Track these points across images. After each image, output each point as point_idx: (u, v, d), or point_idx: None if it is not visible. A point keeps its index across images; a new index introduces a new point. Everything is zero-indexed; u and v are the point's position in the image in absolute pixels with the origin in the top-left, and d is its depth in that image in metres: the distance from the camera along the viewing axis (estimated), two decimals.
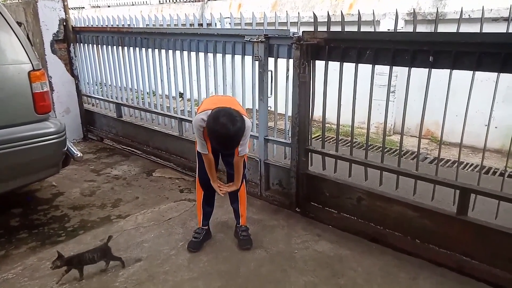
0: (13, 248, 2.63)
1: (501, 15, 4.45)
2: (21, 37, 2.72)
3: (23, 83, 2.71)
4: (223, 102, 2.34)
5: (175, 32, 3.62)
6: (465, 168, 4.17)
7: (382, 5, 5.53)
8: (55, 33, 4.53)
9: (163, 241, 2.69)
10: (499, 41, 1.98)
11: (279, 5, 6.79)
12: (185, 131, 3.93)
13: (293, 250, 2.60)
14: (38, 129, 2.77)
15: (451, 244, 2.36)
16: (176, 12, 8.26)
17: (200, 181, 2.60)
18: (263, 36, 2.87)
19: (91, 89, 4.97)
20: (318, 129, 5.20)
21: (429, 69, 2.29)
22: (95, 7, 11.54)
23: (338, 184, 2.82)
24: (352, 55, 2.53)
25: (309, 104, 2.85)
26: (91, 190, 3.54)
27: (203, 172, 2.55)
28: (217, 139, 2.12)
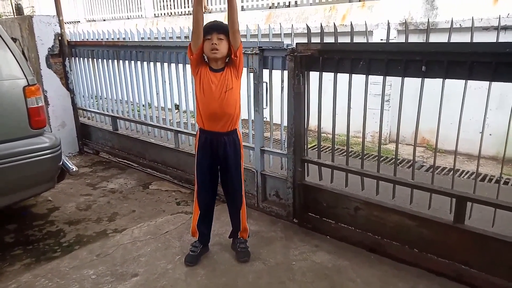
0: (8, 265, 2.60)
1: (491, 24, 4.53)
2: (16, 53, 2.73)
3: (18, 98, 2.71)
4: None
5: (170, 45, 3.65)
6: (461, 176, 4.18)
7: (374, 15, 5.61)
8: (50, 47, 4.55)
9: (160, 255, 2.67)
10: (489, 50, 2.01)
11: (273, 17, 6.87)
12: (181, 143, 3.92)
13: (291, 261, 2.58)
14: (33, 144, 2.76)
15: (449, 253, 2.35)
16: (171, 25, 8.33)
17: (199, 201, 2.56)
18: (258, 48, 2.90)
19: (86, 103, 4.97)
20: (314, 139, 5.22)
21: (422, 78, 2.32)
22: (90, 21, 11.63)
23: (335, 194, 2.81)
24: (345, 65, 2.55)
25: (304, 115, 2.86)
26: (87, 204, 3.52)
27: (202, 191, 2.53)
28: (205, 25, 2.30)
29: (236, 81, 2.40)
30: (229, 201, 2.64)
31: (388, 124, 5.56)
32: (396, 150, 2.65)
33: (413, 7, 5.27)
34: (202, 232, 2.62)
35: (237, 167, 2.51)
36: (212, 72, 2.36)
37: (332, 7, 6.15)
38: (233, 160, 2.48)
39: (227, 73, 2.36)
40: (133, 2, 10.06)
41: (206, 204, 2.58)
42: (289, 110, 2.85)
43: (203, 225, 2.61)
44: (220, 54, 2.32)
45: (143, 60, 4.00)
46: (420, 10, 5.20)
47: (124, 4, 10.33)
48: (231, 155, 2.46)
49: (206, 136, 2.44)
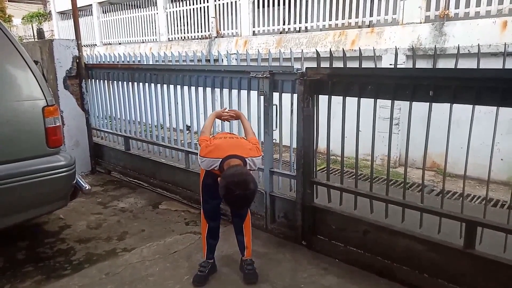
0: (19, 281, 2.63)
1: (499, 50, 4.57)
2: (37, 74, 2.86)
3: (37, 118, 2.81)
4: (232, 147, 2.34)
5: (184, 69, 3.76)
6: (472, 201, 4.13)
7: (383, 41, 5.71)
8: (68, 69, 4.72)
9: (168, 275, 2.68)
10: (496, 76, 2.04)
11: (284, 42, 7.03)
12: (191, 163, 3.98)
13: (299, 284, 2.56)
14: (50, 162, 2.84)
15: (459, 279, 2.31)
16: (185, 49, 8.59)
17: (205, 214, 2.62)
18: (268, 72, 2.98)
19: (100, 123, 5.10)
20: (323, 161, 5.23)
21: (429, 103, 2.35)
22: (106, 44, 12.02)
23: (344, 217, 2.81)
24: (354, 89, 2.61)
25: (313, 137, 2.90)
26: (98, 223, 3.56)
27: (208, 205, 2.58)
28: (233, 203, 2.20)
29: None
30: (235, 215, 2.67)
31: (398, 147, 5.55)
32: (405, 173, 2.66)
33: (422, 33, 5.36)
34: (211, 244, 2.65)
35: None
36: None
37: (342, 32, 6.28)
38: None
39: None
40: (148, 26, 10.41)
41: (212, 213, 2.61)
42: (298, 132, 2.90)
43: (212, 238, 2.65)
44: None
45: (156, 82, 4.12)
46: (428, 36, 5.29)
47: (139, 28, 10.69)
48: None
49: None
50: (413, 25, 5.50)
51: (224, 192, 2.11)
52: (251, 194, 2.13)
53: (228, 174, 2.15)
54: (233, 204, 2.24)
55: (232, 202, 2.19)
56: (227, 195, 2.11)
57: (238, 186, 2.08)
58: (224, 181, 2.13)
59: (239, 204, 2.22)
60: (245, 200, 2.15)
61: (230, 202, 2.19)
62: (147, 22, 10.42)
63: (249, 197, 2.13)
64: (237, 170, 2.16)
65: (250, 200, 2.18)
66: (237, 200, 2.13)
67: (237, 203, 2.18)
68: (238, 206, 2.27)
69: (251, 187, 2.11)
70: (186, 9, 9.24)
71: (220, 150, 2.30)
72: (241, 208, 2.38)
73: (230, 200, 2.15)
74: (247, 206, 2.33)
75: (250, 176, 2.17)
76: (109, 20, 11.73)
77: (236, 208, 2.40)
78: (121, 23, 11.25)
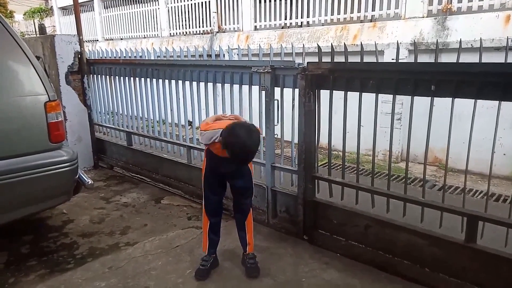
0: (23, 275, 2.66)
1: (503, 45, 4.54)
2: (39, 70, 2.86)
3: (39, 113, 2.82)
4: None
5: (185, 64, 3.76)
6: (474, 195, 4.13)
7: (385, 35, 5.68)
8: (70, 65, 4.72)
9: (170, 269, 2.70)
10: (498, 70, 2.04)
11: (285, 37, 7.01)
12: (193, 158, 3.99)
13: (300, 278, 2.58)
14: (52, 158, 2.85)
15: (461, 273, 2.32)
16: (186, 44, 8.58)
17: (206, 210, 2.63)
18: (270, 67, 2.97)
19: (102, 118, 5.12)
20: (324, 156, 5.23)
21: (431, 97, 2.34)
22: (108, 39, 12.01)
23: (345, 212, 2.82)
24: (356, 84, 2.60)
25: (314, 132, 2.90)
26: (100, 218, 3.58)
27: (209, 200, 2.60)
28: (238, 153, 2.17)
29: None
30: (237, 211, 2.69)
31: (399, 142, 5.55)
32: (406, 168, 2.66)
33: (424, 27, 5.33)
34: (212, 240, 2.66)
35: (248, 179, 2.58)
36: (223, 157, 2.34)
37: (344, 27, 6.25)
38: (242, 171, 2.54)
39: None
40: (149, 22, 10.39)
41: (213, 210, 2.63)
42: (300, 127, 2.90)
43: (214, 234, 2.67)
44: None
45: (158, 78, 4.12)
46: (431, 30, 5.26)
47: (140, 24, 10.68)
48: (237, 177, 2.54)
49: (214, 159, 2.50)
50: (416, 20, 5.47)
51: (228, 140, 2.14)
52: (256, 141, 2.17)
53: (232, 124, 2.21)
54: (237, 155, 2.17)
55: (236, 152, 2.16)
56: (231, 142, 2.13)
57: (242, 130, 2.14)
58: (227, 130, 2.16)
59: (243, 155, 2.19)
60: (249, 150, 2.16)
61: (234, 152, 2.16)
62: (148, 17, 10.40)
63: (253, 145, 2.15)
64: (240, 122, 2.27)
65: (254, 150, 2.19)
66: (242, 148, 2.13)
67: (242, 153, 2.17)
68: (242, 157, 2.21)
69: (255, 135, 2.16)
70: (187, 4, 9.21)
71: (221, 124, 2.33)
72: (245, 160, 2.27)
73: (234, 149, 2.14)
74: (252, 156, 2.23)
75: (253, 126, 2.24)
76: (110, 16, 11.71)
77: (240, 161, 2.27)
78: (123, 18, 11.23)
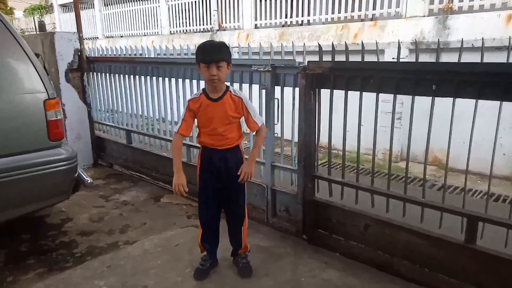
0: (21, 274, 2.65)
1: (504, 44, 4.53)
2: (38, 67, 2.85)
3: (39, 111, 2.81)
4: None
5: (185, 62, 3.75)
6: (474, 196, 4.13)
7: (386, 34, 5.67)
8: (69, 62, 4.71)
9: (169, 268, 2.69)
10: (499, 70, 2.03)
11: (286, 35, 7.00)
12: (193, 157, 3.98)
13: (300, 278, 2.57)
14: (51, 156, 2.84)
15: (460, 274, 2.32)
16: (186, 42, 8.55)
17: (201, 220, 2.56)
18: (270, 66, 2.96)
19: (102, 116, 5.11)
20: (324, 155, 5.22)
21: (432, 97, 2.33)
22: (108, 37, 11.99)
23: (345, 211, 2.81)
24: (356, 83, 2.59)
25: (315, 131, 2.89)
26: (100, 216, 3.58)
27: (203, 209, 2.52)
28: (203, 48, 2.24)
29: (237, 117, 2.37)
30: (231, 218, 2.59)
31: (399, 142, 5.54)
32: (407, 168, 2.65)
33: (425, 27, 5.32)
34: (206, 248, 2.60)
35: (239, 183, 2.45)
36: (210, 102, 2.31)
37: (344, 26, 6.24)
38: (235, 175, 2.42)
39: (227, 104, 2.31)
40: (150, 19, 10.37)
41: (208, 221, 2.52)
42: (300, 126, 2.89)
43: (206, 243, 2.58)
44: (220, 82, 2.27)
45: (158, 76, 4.11)
46: (432, 29, 5.25)
47: (141, 22, 10.65)
48: (233, 168, 2.41)
49: (208, 153, 2.42)
50: (417, 19, 5.46)
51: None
52: (222, 42, 2.31)
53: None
54: (204, 48, 2.25)
55: (203, 46, 2.25)
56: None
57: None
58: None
59: (210, 46, 2.28)
60: (215, 45, 2.31)
61: (201, 48, 2.24)
62: (149, 15, 10.38)
63: (218, 42, 2.33)
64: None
65: (221, 45, 2.28)
66: (207, 43, 2.30)
67: (208, 45, 2.28)
68: (209, 48, 2.26)
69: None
70: (188, 1, 9.18)
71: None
72: (215, 50, 2.26)
73: (201, 46, 2.25)
74: (219, 48, 2.26)
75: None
76: (110, 13, 11.69)
77: (209, 52, 2.25)
78: (123, 16, 11.21)
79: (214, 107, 2.31)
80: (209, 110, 2.32)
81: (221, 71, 2.22)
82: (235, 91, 2.38)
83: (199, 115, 2.36)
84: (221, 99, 2.32)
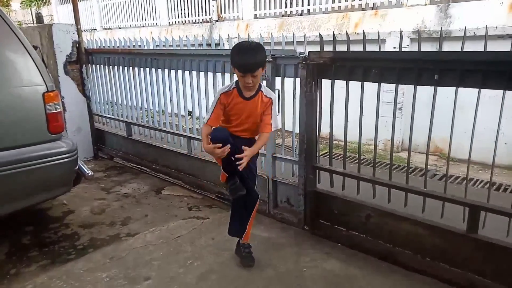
0: (24, 266, 2.66)
1: (506, 33, 4.49)
2: (36, 60, 2.82)
3: (38, 104, 2.79)
4: None
5: (185, 53, 3.72)
6: (475, 185, 4.13)
7: (387, 24, 5.61)
8: (68, 55, 4.67)
9: (171, 260, 2.70)
10: (503, 59, 2.00)
11: (286, 25, 6.93)
12: (193, 149, 3.97)
13: (301, 268, 2.58)
14: (51, 149, 2.83)
15: (462, 263, 2.32)
16: (185, 33, 8.49)
17: (224, 170, 2.46)
18: (270, 56, 2.93)
19: (102, 109, 5.08)
20: (325, 146, 5.21)
21: (434, 87, 2.31)
22: (107, 29, 11.90)
23: (346, 202, 2.81)
24: (358, 73, 2.57)
25: (316, 122, 2.88)
26: (101, 208, 3.58)
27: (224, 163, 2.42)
28: (239, 53, 2.20)
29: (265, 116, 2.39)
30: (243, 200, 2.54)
31: (401, 132, 5.53)
32: (408, 158, 2.64)
33: (426, 15, 5.26)
34: (229, 170, 2.42)
35: (251, 168, 2.49)
36: (242, 100, 2.33)
37: (345, 15, 6.17)
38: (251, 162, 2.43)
39: (258, 104, 2.34)
40: (148, 10, 10.27)
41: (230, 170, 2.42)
42: (301, 117, 2.87)
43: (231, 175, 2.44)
44: (254, 88, 2.30)
45: (157, 67, 4.08)
46: (433, 18, 5.19)
47: (139, 13, 10.55)
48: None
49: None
50: (418, 7, 5.40)
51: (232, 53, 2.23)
52: (259, 46, 2.22)
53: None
54: (241, 52, 2.20)
55: (239, 50, 2.21)
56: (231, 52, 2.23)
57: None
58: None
59: (246, 51, 2.19)
60: (252, 49, 2.18)
61: (238, 50, 2.21)
62: (147, 6, 10.28)
63: (256, 46, 2.20)
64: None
65: (258, 50, 2.19)
66: (244, 46, 2.22)
67: (244, 49, 2.20)
68: (246, 53, 2.19)
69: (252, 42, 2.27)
70: None
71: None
72: (251, 56, 2.17)
73: (237, 48, 2.22)
74: (255, 54, 2.17)
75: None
76: (109, 4, 11.58)
77: (246, 58, 2.18)
78: (121, 7, 11.10)
79: (245, 105, 2.34)
80: (240, 108, 2.35)
81: (256, 78, 2.23)
82: (267, 91, 2.39)
83: (228, 109, 2.38)
84: (253, 98, 2.34)
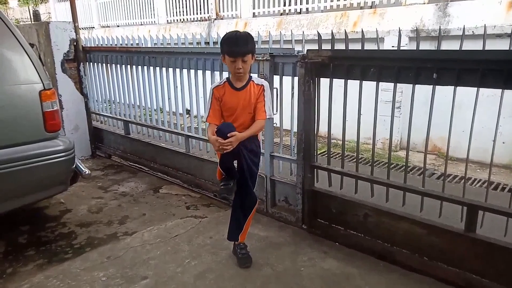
0: (21, 265, 2.65)
1: (504, 32, 4.48)
2: (33, 57, 2.81)
3: (34, 102, 2.77)
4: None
5: (183, 51, 3.70)
6: (473, 184, 4.13)
7: (386, 22, 5.60)
8: (65, 53, 4.65)
9: (169, 259, 2.69)
10: (501, 58, 2.00)
11: (284, 24, 6.91)
12: (191, 148, 3.96)
13: (299, 267, 2.58)
14: (48, 147, 2.82)
15: (460, 262, 2.32)
16: (184, 32, 8.46)
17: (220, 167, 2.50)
18: (269, 55, 2.92)
19: (99, 107, 5.06)
20: (324, 145, 5.21)
21: (433, 86, 2.31)
22: (104, 27, 11.84)
23: (345, 201, 2.81)
24: (356, 72, 2.56)
25: (314, 121, 2.87)
26: (98, 207, 3.57)
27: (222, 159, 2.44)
28: (228, 40, 2.24)
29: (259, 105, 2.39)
30: (241, 201, 2.57)
31: (399, 131, 5.52)
32: (407, 157, 2.64)
33: (425, 14, 5.25)
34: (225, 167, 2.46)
35: (252, 170, 2.47)
36: (234, 91, 2.35)
37: (343, 14, 6.16)
38: (251, 162, 2.44)
39: (250, 93, 2.34)
40: (146, 8, 10.23)
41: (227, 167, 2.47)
42: (299, 116, 2.86)
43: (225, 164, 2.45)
44: (245, 74, 2.32)
45: (155, 66, 4.06)
46: (432, 17, 5.18)
47: (137, 11, 10.51)
48: (249, 155, 2.42)
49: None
50: (417, 6, 5.39)
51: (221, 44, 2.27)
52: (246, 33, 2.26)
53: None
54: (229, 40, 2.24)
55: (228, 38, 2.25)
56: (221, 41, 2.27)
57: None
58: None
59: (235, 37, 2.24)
60: (240, 36, 2.23)
61: (226, 39, 2.25)
62: (145, 4, 10.23)
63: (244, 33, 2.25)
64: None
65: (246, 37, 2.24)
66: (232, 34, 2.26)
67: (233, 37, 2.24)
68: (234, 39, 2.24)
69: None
70: None
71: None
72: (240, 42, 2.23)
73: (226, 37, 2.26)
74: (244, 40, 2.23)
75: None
76: (107, 2, 11.51)
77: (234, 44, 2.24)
78: (119, 5, 11.04)
79: (238, 96, 2.36)
80: (233, 99, 2.37)
81: (247, 64, 2.28)
82: (258, 80, 2.43)
83: (223, 103, 2.40)
84: (245, 88, 2.36)
